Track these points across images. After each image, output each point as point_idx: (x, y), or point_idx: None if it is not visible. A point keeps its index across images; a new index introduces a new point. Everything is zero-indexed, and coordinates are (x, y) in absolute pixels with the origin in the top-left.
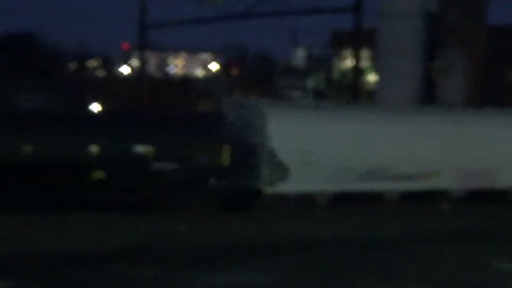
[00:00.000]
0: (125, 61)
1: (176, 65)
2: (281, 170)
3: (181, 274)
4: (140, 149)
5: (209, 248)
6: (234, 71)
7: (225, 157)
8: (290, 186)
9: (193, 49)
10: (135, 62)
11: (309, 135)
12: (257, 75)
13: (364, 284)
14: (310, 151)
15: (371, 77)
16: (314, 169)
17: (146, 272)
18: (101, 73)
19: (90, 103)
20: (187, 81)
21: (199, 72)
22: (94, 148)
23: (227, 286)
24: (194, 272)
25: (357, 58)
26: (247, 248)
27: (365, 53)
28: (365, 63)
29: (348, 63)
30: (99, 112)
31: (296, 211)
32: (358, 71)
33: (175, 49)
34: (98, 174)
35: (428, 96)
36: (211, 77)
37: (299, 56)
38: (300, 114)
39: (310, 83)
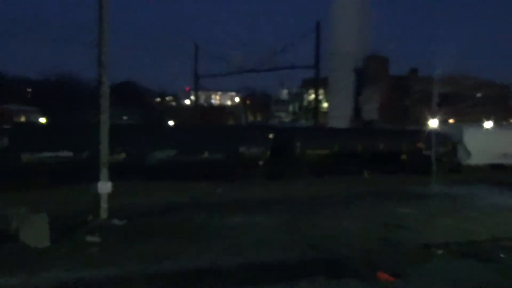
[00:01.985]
0: (187, 97)
1: (215, 99)
2: (468, 154)
3: (216, 217)
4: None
5: (232, 203)
6: (248, 102)
7: (450, 148)
8: (472, 161)
9: (225, 89)
10: (192, 97)
11: (479, 138)
12: (260, 104)
13: (319, 220)
14: (480, 145)
15: (325, 104)
16: (482, 153)
17: (198, 216)
18: (173, 104)
19: (168, 120)
20: (221, 108)
21: (228, 103)
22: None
23: (237, 223)
24: (223, 216)
25: (316, 94)
26: (257, 202)
27: (321, 91)
28: (321, 96)
29: (312, 96)
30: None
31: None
32: (317, 101)
33: (215, 90)
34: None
35: (356, 115)
36: (235, 106)
37: (284, 93)
38: (476, 129)
39: (290, 108)
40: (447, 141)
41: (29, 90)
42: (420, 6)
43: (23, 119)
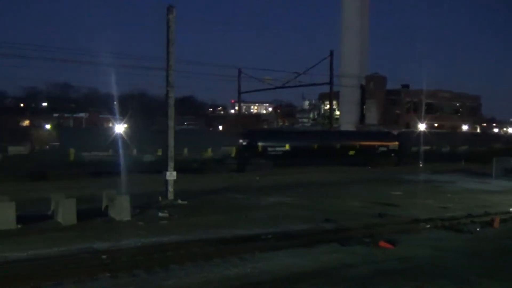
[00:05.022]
0: (233, 108)
1: (254, 109)
2: None
3: (253, 197)
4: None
5: (267, 187)
6: (278, 111)
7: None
8: None
9: (260, 101)
10: (236, 107)
11: None
12: (287, 113)
13: (328, 200)
14: None
15: (337, 112)
16: None
17: (240, 196)
18: (222, 113)
19: (218, 126)
20: (258, 116)
21: (263, 112)
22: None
23: (271, 202)
24: (259, 196)
25: (331, 104)
26: (283, 186)
27: (334, 102)
28: (335, 106)
29: (327, 106)
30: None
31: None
32: (331, 110)
33: (253, 102)
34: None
35: (361, 120)
36: (268, 114)
37: (306, 104)
38: None
39: (310, 115)
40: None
41: (115, 102)
42: (411, 29)
43: (110, 125)
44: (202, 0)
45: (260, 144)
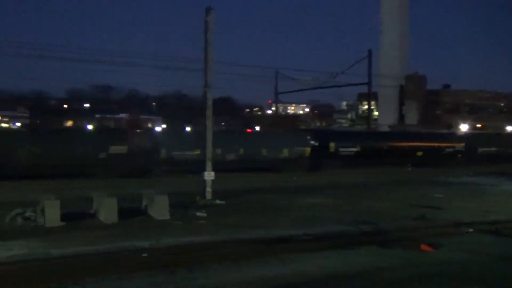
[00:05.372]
0: (269, 108)
1: (290, 109)
2: None
3: (289, 197)
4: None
5: (304, 187)
6: (315, 112)
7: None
8: None
9: (297, 102)
10: (273, 108)
11: None
12: (324, 113)
13: (366, 202)
14: None
15: (376, 113)
16: None
17: (276, 196)
18: (259, 113)
19: (255, 126)
20: (295, 116)
21: (300, 112)
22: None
23: (308, 203)
24: (296, 197)
25: (369, 105)
26: (320, 187)
27: (373, 102)
28: (373, 107)
29: (365, 107)
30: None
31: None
32: (369, 111)
33: (290, 102)
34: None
35: (400, 120)
36: (305, 114)
37: (343, 104)
38: None
39: (348, 116)
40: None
41: (153, 104)
42: (453, 27)
43: (149, 125)
44: (240, 1)
45: (331, 144)
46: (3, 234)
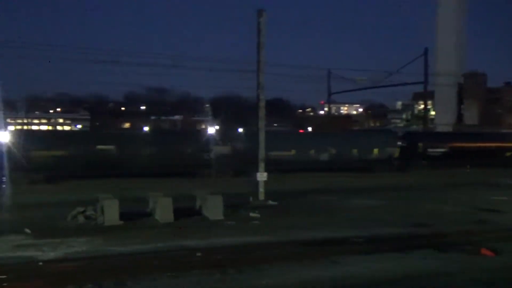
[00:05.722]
0: (322, 109)
1: (343, 110)
2: None
3: (341, 198)
4: None
5: (359, 189)
6: (369, 112)
7: None
8: None
9: (351, 102)
10: (326, 109)
11: None
12: (379, 114)
13: (420, 203)
14: None
15: (432, 113)
16: None
17: (326, 197)
18: (311, 114)
19: (307, 127)
20: (348, 117)
21: (354, 112)
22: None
23: (363, 204)
24: (348, 198)
25: (425, 104)
26: (375, 189)
27: (429, 102)
28: (429, 106)
29: (421, 106)
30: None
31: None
32: (426, 110)
33: (343, 103)
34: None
35: (459, 120)
36: (359, 115)
37: (398, 104)
38: None
39: (403, 116)
40: None
41: (207, 105)
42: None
43: (203, 127)
44: (292, 2)
45: (420, 144)
46: (66, 231)
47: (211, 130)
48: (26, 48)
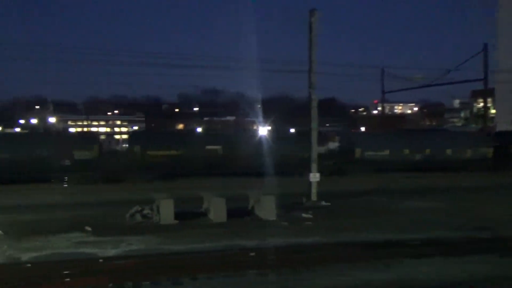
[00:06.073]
0: (375, 108)
1: (398, 109)
2: None
3: (399, 200)
4: None
5: (409, 190)
6: (425, 110)
7: None
8: None
9: (405, 101)
10: (379, 108)
11: None
12: (435, 113)
13: (490, 206)
14: None
15: (493, 111)
16: None
17: (386, 199)
18: (364, 113)
19: (361, 127)
20: (402, 116)
21: (408, 111)
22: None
23: (418, 206)
24: (407, 200)
25: (485, 103)
26: (433, 189)
27: (489, 99)
28: (489, 104)
29: (480, 105)
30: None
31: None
32: (486, 109)
33: (397, 102)
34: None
35: None
36: (414, 114)
37: (456, 102)
38: None
39: (461, 114)
40: None
41: (259, 106)
42: None
43: (255, 127)
44: (344, 1)
45: None
46: (124, 229)
47: (263, 130)
48: (85, 53)
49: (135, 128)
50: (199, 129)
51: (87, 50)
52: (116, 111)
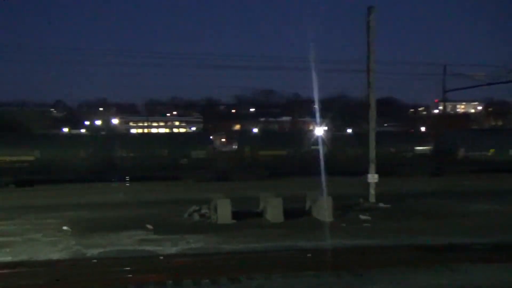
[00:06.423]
0: (436, 107)
1: (460, 108)
2: None
3: (460, 202)
4: None
5: (474, 192)
6: (489, 110)
7: None
8: None
9: (469, 100)
10: (441, 107)
11: None
12: (501, 112)
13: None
14: None
15: None
16: None
17: (447, 201)
18: (424, 113)
19: (420, 127)
20: (465, 115)
21: (472, 111)
22: None
23: (480, 209)
24: (468, 202)
25: None
26: (479, 192)
27: None
28: None
29: None
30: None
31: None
32: None
33: (460, 100)
34: None
35: None
36: (477, 113)
37: None
38: None
39: None
40: None
41: (315, 106)
42: None
43: (311, 128)
44: None
45: None
46: (183, 228)
47: (319, 131)
48: (145, 57)
49: (193, 128)
50: (255, 130)
51: (148, 54)
52: (174, 112)
